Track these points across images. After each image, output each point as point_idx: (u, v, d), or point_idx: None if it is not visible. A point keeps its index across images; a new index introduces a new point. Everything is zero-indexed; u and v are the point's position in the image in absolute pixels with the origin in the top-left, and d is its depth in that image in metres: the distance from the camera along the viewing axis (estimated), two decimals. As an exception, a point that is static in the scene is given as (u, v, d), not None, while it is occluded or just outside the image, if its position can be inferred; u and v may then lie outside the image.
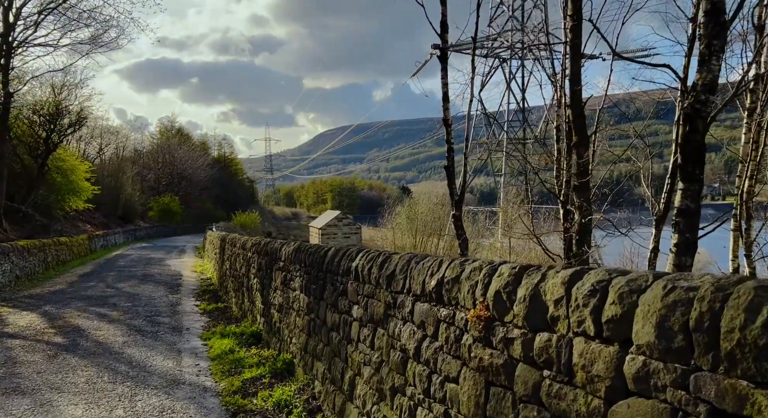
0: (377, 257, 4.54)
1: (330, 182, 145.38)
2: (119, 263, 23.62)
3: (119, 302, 12.88)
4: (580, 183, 7.55)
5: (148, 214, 55.10)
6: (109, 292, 14.70)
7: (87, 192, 32.73)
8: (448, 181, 8.93)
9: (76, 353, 7.94)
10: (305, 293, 6.38)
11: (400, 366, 3.83)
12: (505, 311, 2.70)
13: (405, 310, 3.83)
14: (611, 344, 2.06)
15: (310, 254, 6.23)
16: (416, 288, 3.70)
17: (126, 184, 49.99)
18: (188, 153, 70.32)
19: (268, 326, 8.27)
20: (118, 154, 58.23)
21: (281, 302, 7.49)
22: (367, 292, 4.59)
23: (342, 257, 5.29)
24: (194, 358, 7.94)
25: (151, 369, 7.20)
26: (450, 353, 3.20)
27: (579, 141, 7.48)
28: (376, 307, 4.37)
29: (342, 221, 46.87)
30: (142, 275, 18.76)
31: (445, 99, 8.76)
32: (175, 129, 79.51)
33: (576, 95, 7.46)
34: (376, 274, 4.39)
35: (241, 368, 7.05)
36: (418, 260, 3.82)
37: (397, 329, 3.95)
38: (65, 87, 26.13)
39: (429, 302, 3.52)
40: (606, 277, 2.17)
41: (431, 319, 3.46)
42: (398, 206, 33.95)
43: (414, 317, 3.69)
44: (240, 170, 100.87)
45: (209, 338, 9.18)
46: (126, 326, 10.09)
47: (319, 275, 5.91)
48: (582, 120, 7.59)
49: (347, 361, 4.91)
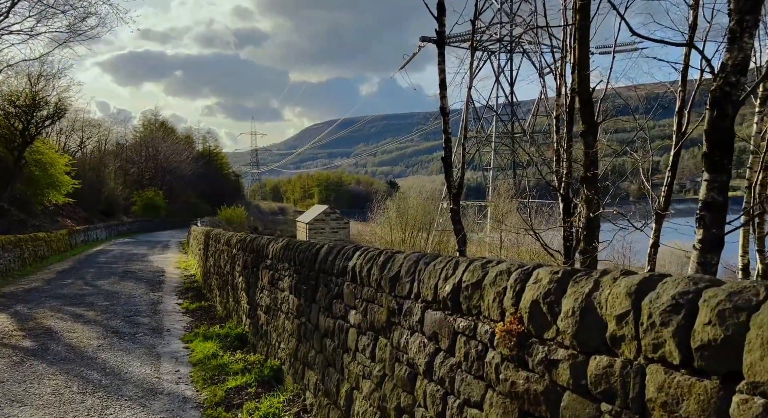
0: (377, 256, 4.02)
1: (317, 177, 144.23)
2: (100, 259, 22.84)
3: (97, 301, 12.23)
4: (588, 174, 7.08)
5: (132, 208, 54.01)
6: (87, 290, 14.03)
7: (67, 186, 31.81)
8: (445, 174, 8.42)
9: (44, 358, 7.33)
10: (295, 294, 5.85)
11: (407, 383, 3.32)
12: (545, 326, 2.20)
13: (413, 318, 3.32)
14: (707, 378, 1.57)
15: (301, 251, 5.70)
16: (426, 293, 3.19)
17: (108, 178, 48.94)
18: (172, 147, 69.10)
19: (255, 328, 7.73)
20: (101, 148, 56.97)
21: (268, 304, 6.95)
22: (366, 295, 4.08)
23: (337, 255, 4.77)
24: (174, 363, 7.37)
25: (127, 377, 6.62)
26: (471, 372, 2.70)
27: (587, 129, 7.01)
28: (378, 313, 3.85)
29: (330, 215, 46.23)
30: (123, 272, 18.07)
31: (442, 86, 8.24)
32: (158, 122, 78.04)
33: (584, 81, 6.97)
34: (377, 276, 3.88)
35: (225, 376, 6.50)
36: (428, 261, 3.31)
37: (404, 339, 3.44)
38: (42, 77, 25.18)
39: (443, 310, 3.02)
40: (691, 287, 1.67)
41: (446, 330, 2.95)
42: (388, 201, 33.43)
43: (424, 327, 3.18)
44: (225, 164, 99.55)
45: (191, 340, 8.62)
46: (102, 328, 9.48)
47: (311, 274, 5.38)
48: (590, 107, 7.12)
49: (343, 372, 4.40)
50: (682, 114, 10.08)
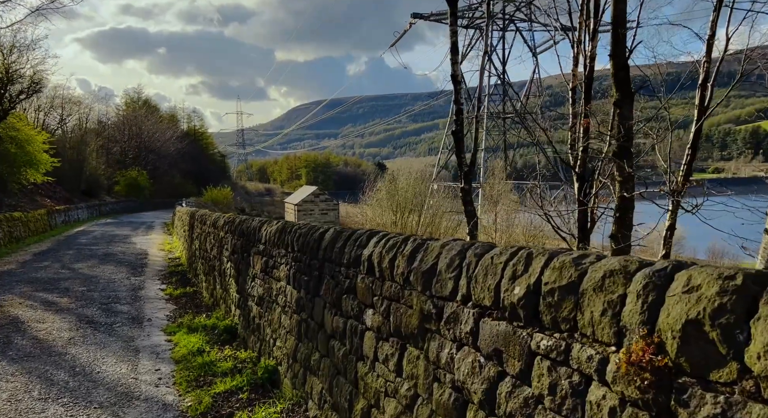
0: (402, 244, 3.21)
1: (304, 158, 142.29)
2: (80, 240, 21.79)
3: (73, 286, 11.32)
4: (621, 148, 6.28)
5: (115, 188, 52.53)
6: (63, 274, 13.09)
7: (46, 164, 30.47)
8: (456, 150, 7.61)
9: (5, 355, 6.47)
10: (293, 285, 5.04)
11: (454, 413, 2.54)
12: (714, 362, 1.42)
13: (461, 327, 2.53)
14: None
15: (301, 235, 4.87)
16: (481, 296, 2.39)
17: (90, 157, 47.33)
18: (156, 125, 67.26)
19: (245, 320, 6.91)
20: (81, 126, 55.17)
21: (261, 294, 6.13)
22: (388, 292, 3.28)
23: (346, 241, 3.95)
24: (155, 360, 6.55)
25: (99, 377, 5.79)
26: (561, 413, 1.92)
27: (622, 98, 6.21)
28: (406, 316, 3.06)
29: (319, 197, 45.27)
30: (104, 254, 17.11)
31: (454, 50, 7.40)
32: (142, 100, 75.87)
33: (620, 42, 6.13)
34: (404, 269, 3.08)
35: (212, 377, 5.70)
36: (480, 251, 2.51)
37: (446, 354, 2.65)
38: (15, 48, 23.73)
39: (509, 320, 2.22)
40: None
41: (516, 349, 2.16)
42: (379, 182, 32.60)
43: (480, 341, 2.39)
44: (211, 144, 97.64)
45: (174, 332, 7.79)
46: (76, 317, 8.61)
47: (313, 263, 4.57)
48: (626, 73, 6.30)
49: (357, 384, 3.61)
50: (705, 87, 9.35)
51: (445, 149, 54.16)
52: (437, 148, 61.79)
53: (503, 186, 26.11)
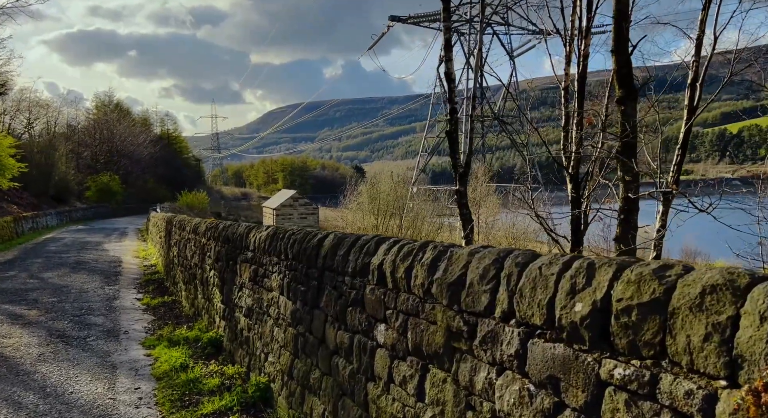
0: (420, 252, 2.87)
1: (281, 162, 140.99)
2: (49, 247, 20.91)
3: (42, 297, 10.69)
4: (625, 145, 6.05)
5: (86, 194, 51.06)
6: (31, 284, 12.41)
7: (12, 170, 29.35)
8: (450, 151, 7.31)
9: (-32, 376, 5.93)
10: (288, 295, 4.65)
11: (495, 448, 2.21)
12: None
13: (502, 348, 2.20)
14: None
15: (296, 242, 4.49)
16: (529, 313, 2.06)
17: (59, 161, 45.91)
18: (128, 129, 65.75)
19: (232, 333, 6.48)
20: (50, 130, 53.70)
21: (251, 305, 5.72)
22: (404, 306, 2.93)
23: (350, 248, 3.60)
24: (133, 377, 6.08)
25: (72, 398, 5.31)
26: (649, 456, 1.59)
27: (626, 95, 5.99)
28: (427, 333, 2.72)
29: (297, 201, 44.63)
30: (75, 262, 16.38)
31: (447, 47, 7.11)
32: (113, 104, 74.14)
33: (623, 37, 5.91)
34: (424, 279, 2.74)
35: (198, 396, 5.27)
36: (523, 261, 2.18)
37: (482, 378, 2.31)
38: (-21, 48, 22.68)
39: (569, 342, 1.90)
40: None
41: (580, 377, 1.84)
42: (360, 185, 32.25)
43: (528, 366, 2.06)
44: (185, 148, 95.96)
45: (154, 345, 7.31)
46: (45, 331, 8.06)
47: (311, 272, 4.19)
48: (629, 69, 6.08)
49: (368, 408, 3.25)
50: (695, 87, 9.27)
51: (424, 152, 54.08)
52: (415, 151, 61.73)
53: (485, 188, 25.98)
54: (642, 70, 10.66)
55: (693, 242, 32.09)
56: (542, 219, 9.73)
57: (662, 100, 10.67)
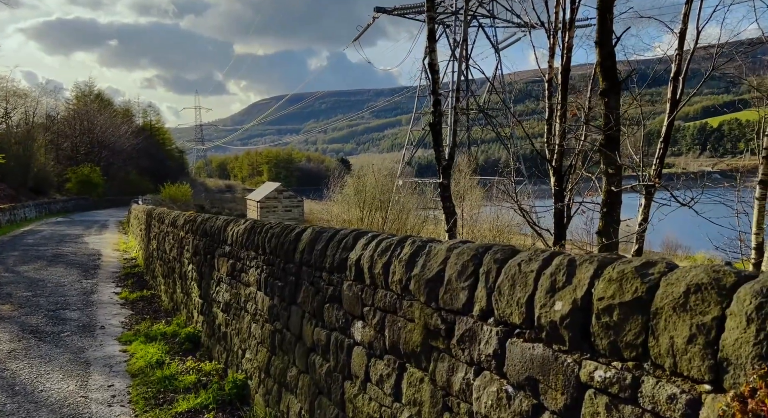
0: (398, 247, 2.78)
1: (266, 154, 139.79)
2: (27, 240, 20.48)
3: (16, 291, 10.44)
4: (608, 139, 6.01)
5: (66, 185, 50.18)
6: (5, 277, 12.12)
7: (-12, 160, 28.75)
8: (434, 143, 7.23)
9: (-66, 374, 5.73)
10: (265, 291, 4.54)
11: (473, 451, 2.13)
12: None
13: (480, 348, 2.12)
14: None
15: (273, 236, 4.37)
16: (508, 311, 1.98)
17: (38, 152, 45.01)
18: (110, 120, 64.62)
19: (210, 328, 6.35)
20: (28, 120, 52.45)
21: (228, 300, 5.59)
22: (381, 303, 2.84)
23: (328, 243, 3.49)
24: (107, 374, 5.92)
25: (41, 397, 5.15)
26: (630, 463, 1.52)
27: (609, 87, 5.94)
28: (405, 331, 2.63)
29: (282, 193, 44.31)
30: (53, 255, 16.05)
31: (431, 37, 6.99)
32: (94, 94, 72.68)
33: (606, 29, 5.85)
34: (402, 275, 2.65)
35: (173, 393, 5.14)
36: (501, 257, 2.10)
37: (459, 378, 2.23)
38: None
39: (548, 343, 1.82)
40: None
41: (559, 379, 1.76)
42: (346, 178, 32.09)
43: (507, 367, 1.98)
44: (168, 140, 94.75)
45: (130, 340, 7.15)
46: (18, 326, 7.85)
47: (289, 267, 4.08)
48: (612, 61, 6.02)
49: (344, 407, 3.16)
50: (677, 81, 9.28)
51: (409, 145, 53.94)
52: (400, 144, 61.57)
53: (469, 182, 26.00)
54: (625, 64, 10.64)
55: (674, 234, 32.51)
56: (526, 212, 9.72)
57: (645, 94, 10.68)
